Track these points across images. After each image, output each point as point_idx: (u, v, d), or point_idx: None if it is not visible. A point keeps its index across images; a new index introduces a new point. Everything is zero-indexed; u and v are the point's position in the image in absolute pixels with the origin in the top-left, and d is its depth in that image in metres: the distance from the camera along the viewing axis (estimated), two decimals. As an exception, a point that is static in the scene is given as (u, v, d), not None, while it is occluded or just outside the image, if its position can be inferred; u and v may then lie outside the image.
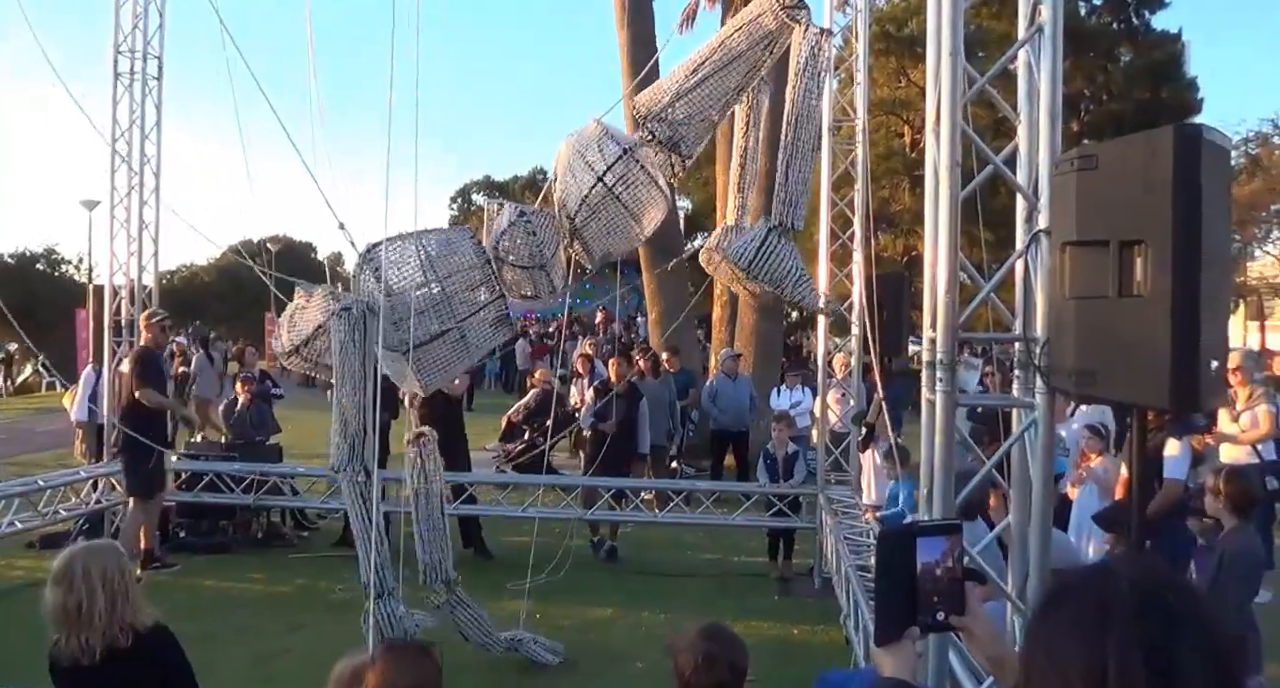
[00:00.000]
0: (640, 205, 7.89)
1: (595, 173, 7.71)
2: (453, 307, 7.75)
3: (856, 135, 11.60)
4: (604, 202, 7.75)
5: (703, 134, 8.22)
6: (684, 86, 7.86)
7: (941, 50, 4.55)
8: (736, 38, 7.68)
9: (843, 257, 12.02)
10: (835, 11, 12.19)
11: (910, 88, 31.64)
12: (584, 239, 7.92)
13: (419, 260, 7.71)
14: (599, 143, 7.81)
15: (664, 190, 7.93)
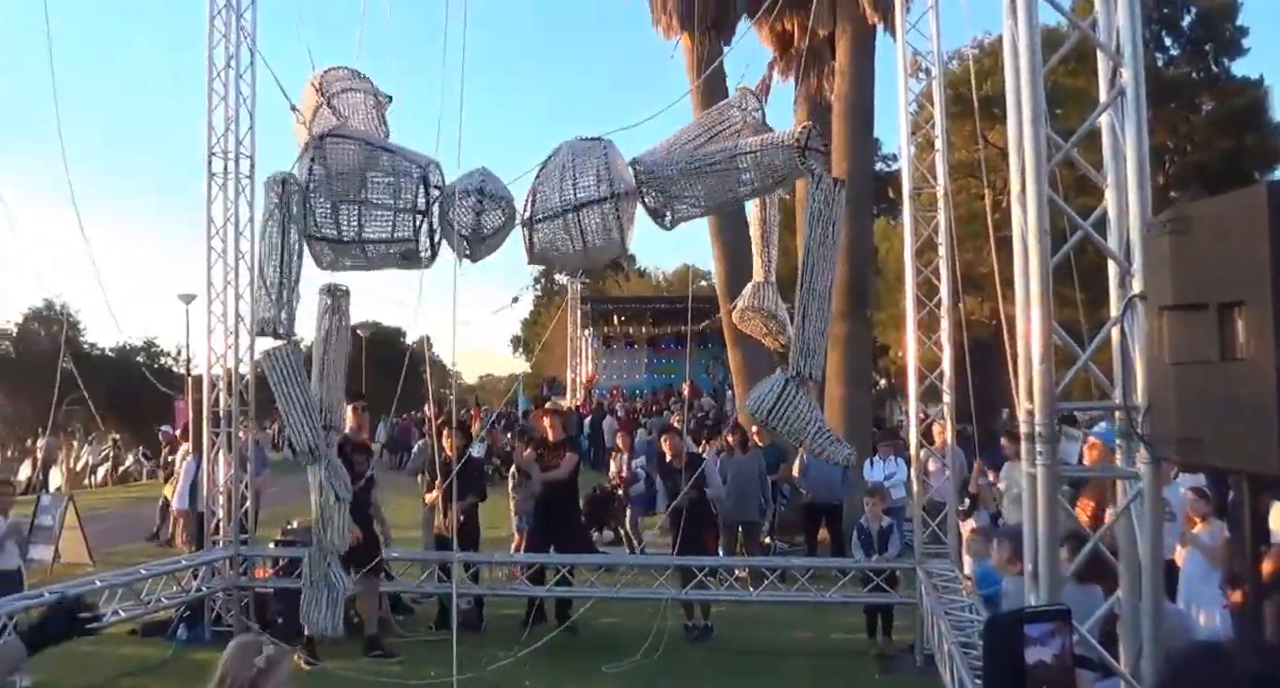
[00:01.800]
0: (595, 244, 8.10)
1: (572, 200, 7.93)
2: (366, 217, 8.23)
3: (938, 201, 11.53)
4: (566, 224, 7.98)
5: (692, 217, 8.44)
6: (689, 168, 8.05)
7: (1023, 119, 4.52)
8: (747, 161, 7.89)
9: (929, 323, 11.89)
10: (909, 78, 12.22)
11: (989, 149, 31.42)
12: (530, 235, 8.17)
13: (358, 160, 8.15)
14: (595, 172, 8.00)
15: (623, 241, 8.15)
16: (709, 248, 20.10)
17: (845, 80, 18.33)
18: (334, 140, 8.31)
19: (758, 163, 8.02)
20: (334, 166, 8.26)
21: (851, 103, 18.28)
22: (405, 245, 8.46)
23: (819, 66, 19.71)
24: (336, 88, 9.22)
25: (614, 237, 8.13)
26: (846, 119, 18.29)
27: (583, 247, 8.18)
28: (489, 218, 8.23)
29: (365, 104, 9.25)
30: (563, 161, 8.22)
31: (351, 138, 8.35)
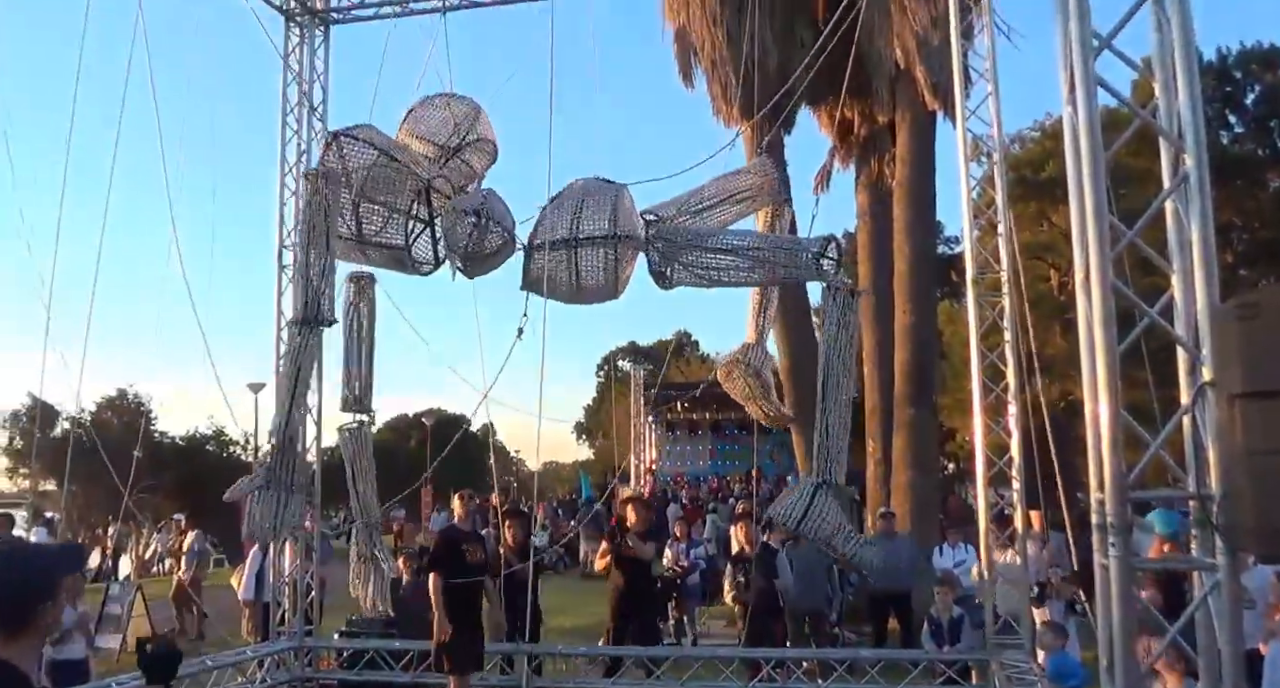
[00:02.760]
0: (588, 282, 8.15)
1: (575, 234, 7.97)
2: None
3: (1003, 287, 11.48)
4: (565, 256, 8.02)
5: (691, 284, 8.44)
6: (703, 243, 8.10)
7: (1085, 207, 4.53)
8: (764, 256, 7.96)
9: (997, 407, 11.76)
10: (970, 162, 12.26)
11: (1053, 231, 31.30)
12: (529, 260, 8.26)
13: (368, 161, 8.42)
14: (605, 211, 8.06)
15: (614, 285, 8.16)
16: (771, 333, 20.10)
17: (906, 166, 18.42)
18: (349, 140, 8.55)
19: (773, 261, 8.12)
20: (350, 164, 8.52)
21: (912, 188, 18.34)
22: (399, 252, 8.70)
23: (879, 153, 19.84)
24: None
25: (608, 278, 8.23)
26: (908, 205, 18.34)
27: (576, 282, 8.27)
28: (486, 240, 8.35)
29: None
30: (576, 196, 8.35)
31: (365, 139, 8.56)
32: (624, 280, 8.42)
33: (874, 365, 19.58)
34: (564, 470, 78.88)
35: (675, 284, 8.54)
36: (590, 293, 8.49)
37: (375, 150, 8.42)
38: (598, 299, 8.77)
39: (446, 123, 9.27)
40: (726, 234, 8.51)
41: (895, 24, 17.49)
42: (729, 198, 8.87)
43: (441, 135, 9.30)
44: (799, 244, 8.38)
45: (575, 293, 8.47)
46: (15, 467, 42.26)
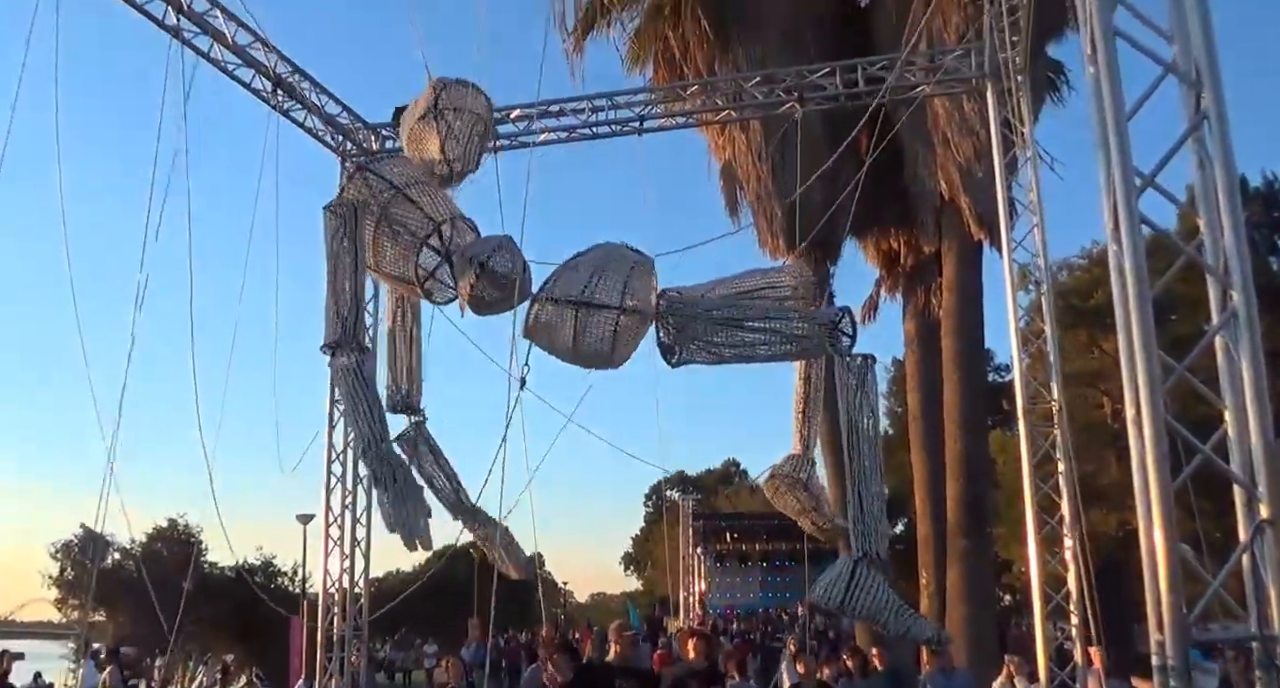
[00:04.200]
0: (586, 345, 8.06)
1: (581, 297, 7.93)
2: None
3: (1054, 417, 11.42)
4: (570, 315, 7.96)
5: (701, 360, 8.39)
6: (714, 316, 8.09)
7: (1134, 345, 4.55)
8: (776, 326, 7.94)
9: (1053, 537, 11.58)
10: (1018, 291, 12.33)
11: (1104, 358, 31.12)
12: (534, 309, 8.27)
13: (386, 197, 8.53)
14: (620, 280, 8.02)
15: (610, 355, 8.10)
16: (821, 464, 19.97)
17: (953, 296, 18.49)
18: (372, 175, 8.66)
19: (787, 332, 8.07)
20: (369, 197, 8.64)
21: (960, 317, 18.38)
22: (412, 285, 8.79)
23: (925, 283, 19.95)
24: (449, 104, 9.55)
25: (606, 347, 8.18)
26: (956, 334, 18.36)
27: (573, 343, 8.22)
28: (486, 291, 8.34)
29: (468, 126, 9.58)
30: (597, 258, 8.37)
31: (385, 177, 8.65)
32: (624, 353, 8.40)
33: (926, 495, 19.37)
34: (612, 602, 77.77)
35: (683, 361, 8.50)
36: (587, 358, 8.46)
37: (393, 188, 8.57)
38: (594, 365, 8.70)
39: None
40: (737, 306, 8.46)
41: (939, 156, 17.77)
42: (761, 289, 8.79)
43: None
44: (813, 316, 8.34)
45: (573, 353, 8.43)
46: (65, 597, 42.28)
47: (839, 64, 13.72)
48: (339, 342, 8.25)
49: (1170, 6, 5.40)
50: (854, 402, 7.75)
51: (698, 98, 15.27)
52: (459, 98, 9.28)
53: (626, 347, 8.34)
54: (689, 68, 18.86)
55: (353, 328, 8.28)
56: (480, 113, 9.43)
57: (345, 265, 8.30)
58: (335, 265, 8.33)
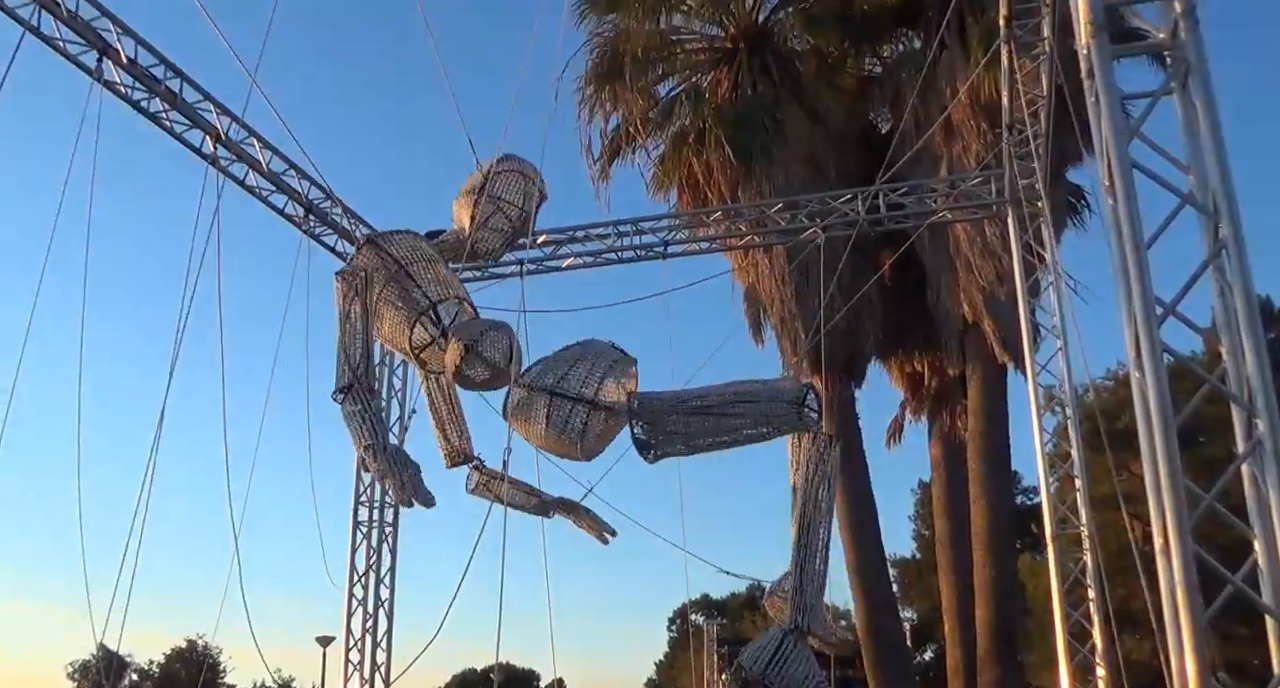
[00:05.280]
0: (555, 436, 8.19)
1: (552, 387, 7.92)
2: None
3: (1083, 542, 11.28)
4: (544, 402, 7.94)
5: (678, 455, 8.38)
6: (684, 407, 8.12)
7: (1160, 475, 4.55)
8: (745, 408, 7.98)
9: (1086, 665, 11.33)
10: (1044, 413, 12.30)
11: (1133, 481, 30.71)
12: (512, 393, 8.32)
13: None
14: (596, 375, 8.03)
15: (581, 449, 8.08)
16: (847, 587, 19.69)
17: (978, 418, 18.41)
18: (376, 249, 8.75)
19: (756, 413, 8.11)
20: (381, 263, 8.72)
21: (986, 440, 18.27)
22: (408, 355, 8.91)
23: (951, 405, 19.89)
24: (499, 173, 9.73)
25: (573, 439, 8.19)
26: (982, 457, 18.22)
27: (544, 430, 8.23)
28: (472, 371, 8.37)
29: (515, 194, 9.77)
30: (578, 351, 8.45)
31: (390, 252, 8.75)
32: (592, 446, 8.43)
33: (955, 621, 19.00)
34: (635, 728, 75.94)
35: (659, 456, 8.52)
36: (556, 445, 8.51)
37: (396, 263, 8.72)
38: (564, 454, 8.73)
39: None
40: (705, 396, 8.52)
41: (961, 280, 17.88)
42: (743, 400, 8.78)
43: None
44: (778, 394, 8.38)
45: (543, 440, 8.48)
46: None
47: (860, 190, 13.96)
48: (349, 386, 8.37)
49: (1186, 138, 5.53)
50: (813, 478, 7.82)
51: (721, 223, 15.53)
52: (508, 189, 9.55)
53: (597, 441, 8.39)
54: (712, 193, 19.18)
55: (363, 375, 8.41)
56: (526, 208, 9.69)
57: (355, 324, 8.50)
58: (345, 323, 8.51)
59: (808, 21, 19.91)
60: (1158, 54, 6.94)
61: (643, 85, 20.11)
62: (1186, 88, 5.47)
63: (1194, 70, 5.41)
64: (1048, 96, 11.33)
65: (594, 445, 8.43)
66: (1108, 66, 5.56)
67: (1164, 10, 5.70)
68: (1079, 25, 5.87)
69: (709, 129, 18.97)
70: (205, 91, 11.34)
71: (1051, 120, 11.53)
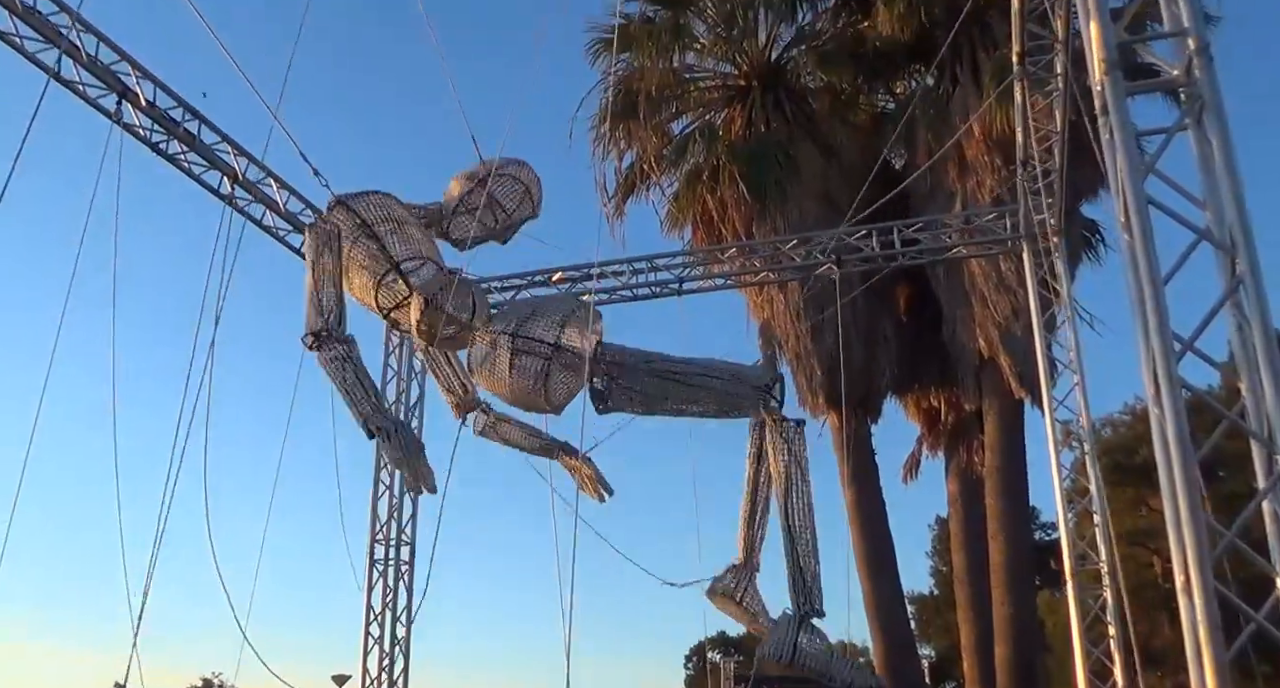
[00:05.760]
0: (518, 386, 8.22)
1: (514, 330, 7.88)
2: None
3: (1103, 578, 11.20)
4: (502, 345, 7.93)
5: (630, 410, 8.45)
6: (648, 367, 8.08)
7: (1180, 512, 4.53)
8: (712, 384, 7.97)
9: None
10: (1061, 448, 12.25)
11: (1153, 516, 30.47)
12: (472, 342, 8.43)
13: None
14: (557, 320, 8.01)
15: (543, 397, 8.06)
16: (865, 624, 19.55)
17: (995, 454, 18.33)
18: (346, 210, 8.83)
19: (721, 391, 8.09)
20: (348, 225, 8.79)
21: (1003, 476, 18.18)
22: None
23: (967, 440, 19.81)
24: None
25: (539, 385, 8.13)
26: (999, 493, 18.12)
27: (508, 379, 8.18)
28: (434, 326, 8.35)
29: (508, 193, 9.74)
30: (541, 300, 8.48)
31: (357, 213, 8.75)
32: (557, 396, 8.35)
33: (974, 659, 18.84)
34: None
35: (610, 409, 8.47)
36: (520, 396, 8.43)
37: (360, 223, 8.73)
38: (529, 406, 8.66)
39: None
40: (673, 362, 8.47)
41: (977, 315, 17.86)
42: (710, 375, 8.67)
43: None
44: (745, 377, 8.34)
45: (508, 390, 8.42)
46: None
47: (875, 226, 13.99)
48: (321, 332, 8.35)
49: (1202, 174, 5.54)
50: (789, 465, 7.81)
51: (736, 260, 15.57)
52: (507, 194, 9.60)
53: (559, 388, 8.32)
54: (727, 229, 19.26)
55: (336, 321, 8.41)
56: (513, 219, 9.70)
57: (327, 271, 8.54)
58: (317, 272, 8.54)
59: (820, 59, 20.04)
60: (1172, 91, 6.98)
61: (657, 123, 20.27)
62: (1201, 124, 5.49)
63: (1209, 107, 5.43)
64: (1061, 132, 11.35)
65: (558, 393, 8.36)
66: (1122, 103, 5.59)
67: (1178, 47, 5.74)
68: (1092, 63, 5.90)
69: (723, 166, 19.08)
70: (223, 133, 11.46)
71: (1065, 155, 11.55)
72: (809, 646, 7.62)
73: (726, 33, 20.30)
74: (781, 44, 20.60)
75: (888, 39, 18.97)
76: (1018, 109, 12.07)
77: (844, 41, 19.86)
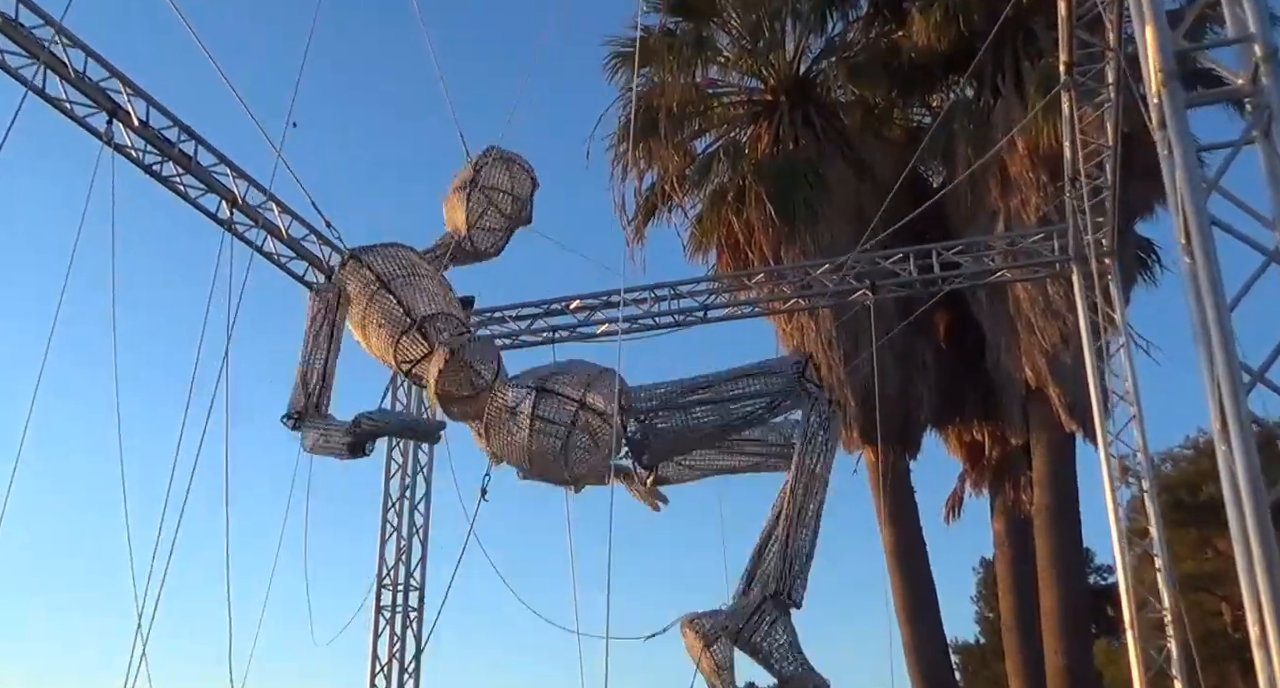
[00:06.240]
0: (537, 442, 7.92)
1: (539, 384, 7.87)
2: None
3: (1166, 627, 11.03)
4: (526, 399, 7.91)
5: (670, 452, 8.30)
6: (673, 392, 7.92)
7: (1253, 556, 4.42)
8: (742, 384, 7.82)
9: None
10: (1118, 485, 12.11)
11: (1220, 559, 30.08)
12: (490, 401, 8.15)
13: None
14: (583, 379, 7.84)
15: (565, 461, 7.82)
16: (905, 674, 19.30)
17: (1045, 492, 18.14)
18: (358, 264, 8.71)
19: (757, 387, 7.92)
20: (363, 282, 8.70)
21: (1054, 516, 17.98)
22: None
23: (1014, 476, 19.64)
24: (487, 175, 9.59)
25: (558, 455, 7.94)
26: (1050, 534, 17.92)
27: (528, 442, 7.98)
28: (454, 384, 8.21)
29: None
30: (560, 364, 8.32)
31: (372, 269, 8.66)
32: (580, 464, 8.13)
33: (1026, 716, 18.60)
34: None
35: (651, 464, 8.30)
36: (540, 460, 8.21)
37: (376, 280, 8.66)
38: (549, 474, 8.44)
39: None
40: (697, 378, 8.33)
41: (1023, 342, 17.73)
42: (740, 375, 8.50)
43: None
44: (774, 366, 8.20)
45: (526, 453, 8.17)
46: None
47: (912, 249, 13.92)
48: (301, 413, 8.33)
49: (1270, 190, 5.45)
50: (816, 439, 7.64)
51: (764, 285, 15.52)
52: (498, 178, 9.54)
53: (584, 457, 8.10)
54: (754, 253, 19.20)
55: (316, 402, 8.37)
56: (519, 194, 9.61)
57: (321, 346, 8.52)
58: (311, 345, 8.51)
59: (851, 71, 20.01)
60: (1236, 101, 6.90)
61: (678, 141, 20.29)
62: (1269, 136, 5.40)
63: (1277, 117, 5.35)
64: (1113, 146, 11.28)
65: (582, 464, 8.15)
66: (1181, 117, 5.52)
67: (1242, 54, 5.66)
68: (1149, 72, 5.83)
69: (749, 186, 19.06)
70: (221, 154, 11.49)
71: (1118, 171, 11.48)
72: (769, 633, 7.31)
73: (752, 45, 20.31)
74: (810, 56, 20.61)
75: (923, 49, 18.93)
76: (1066, 122, 11.99)
77: (877, 52, 19.84)
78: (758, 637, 7.39)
